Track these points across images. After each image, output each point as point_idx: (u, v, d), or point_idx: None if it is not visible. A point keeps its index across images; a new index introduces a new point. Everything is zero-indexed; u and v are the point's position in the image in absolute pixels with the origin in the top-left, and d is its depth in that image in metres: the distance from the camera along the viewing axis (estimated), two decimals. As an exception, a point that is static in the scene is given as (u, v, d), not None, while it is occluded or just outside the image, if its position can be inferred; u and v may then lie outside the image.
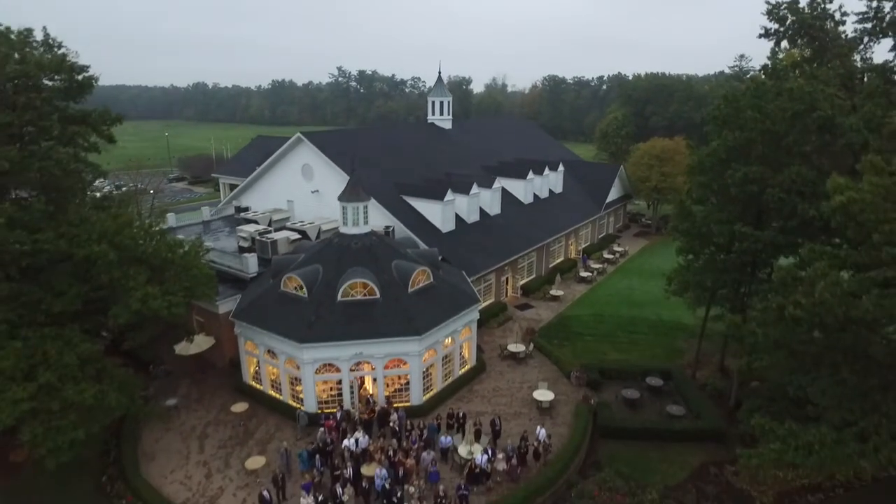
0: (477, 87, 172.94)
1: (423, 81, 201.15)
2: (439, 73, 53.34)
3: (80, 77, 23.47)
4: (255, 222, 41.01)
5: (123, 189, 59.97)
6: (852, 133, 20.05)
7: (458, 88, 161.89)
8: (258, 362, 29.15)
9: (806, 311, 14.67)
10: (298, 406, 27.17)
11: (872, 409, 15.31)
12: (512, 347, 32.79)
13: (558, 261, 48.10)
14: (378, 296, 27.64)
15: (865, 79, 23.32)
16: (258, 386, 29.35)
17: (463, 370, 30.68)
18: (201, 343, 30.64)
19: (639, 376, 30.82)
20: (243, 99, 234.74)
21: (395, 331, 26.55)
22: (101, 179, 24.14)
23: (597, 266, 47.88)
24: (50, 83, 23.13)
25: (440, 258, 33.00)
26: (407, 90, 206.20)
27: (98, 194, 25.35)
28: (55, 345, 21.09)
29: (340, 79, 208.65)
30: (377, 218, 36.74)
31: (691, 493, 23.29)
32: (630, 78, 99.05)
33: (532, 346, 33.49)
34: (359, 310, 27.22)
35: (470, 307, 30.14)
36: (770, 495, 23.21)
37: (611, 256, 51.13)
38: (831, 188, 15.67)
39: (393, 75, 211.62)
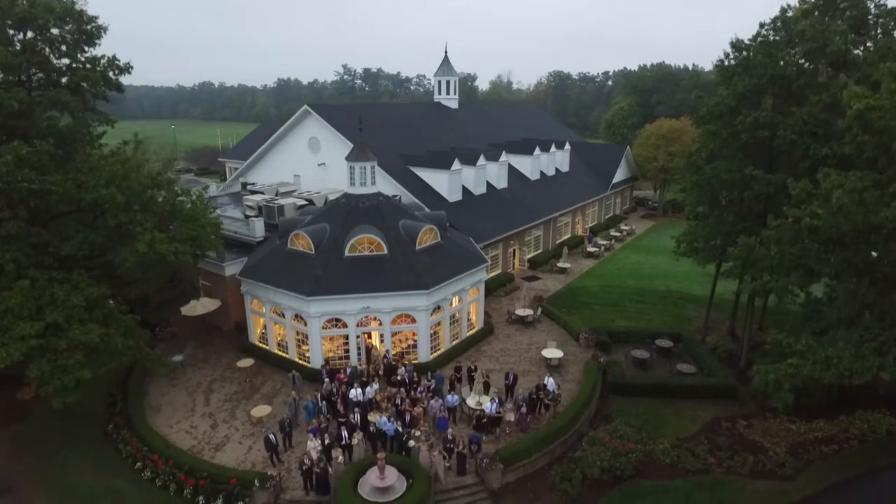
0: (482, 85, 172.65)
1: (428, 80, 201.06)
2: (445, 52, 53.24)
3: (89, 27, 23.50)
4: (262, 193, 40.96)
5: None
6: (867, 67, 19.73)
7: (464, 85, 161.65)
8: (265, 323, 29.00)
9: (823, 220, 14.37)
10: (305, 364, 27.01)
11: (892, 323, 14.96)
12: (520, 312, 32.51)
13: (565, 237, 47.81)
14: (385, 252, 27.46)
15: (879, 24, 22.99)
16: (264, 346, 29.18)
17: (471, 332, 30.42)
18: (207, 304, 30.53)
19: (648, 339, 30.47)
20: (249, 97, 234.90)
21: (402, 285, 26.35)
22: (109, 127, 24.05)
23: (604, 242, 47.59)
24: (58, 32, 23.15)
25: (447, 224, 32.82)
26: (412, 88, 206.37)
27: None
28: (62, 287, 20.98)
29: (346, 77, 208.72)
30: (384, 187, 36.48)
31: (703, 444, 22.93)
32: (636, 69, 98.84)
33: (540, 311, 33.22)
34: (366, 265, 27.04)
35: (477, 266, 29.92)
36: (783, 447, 22.84)
37: (618, 234, 50.83)
38: (848, 97, 15.36)
39: (398, 73, 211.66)
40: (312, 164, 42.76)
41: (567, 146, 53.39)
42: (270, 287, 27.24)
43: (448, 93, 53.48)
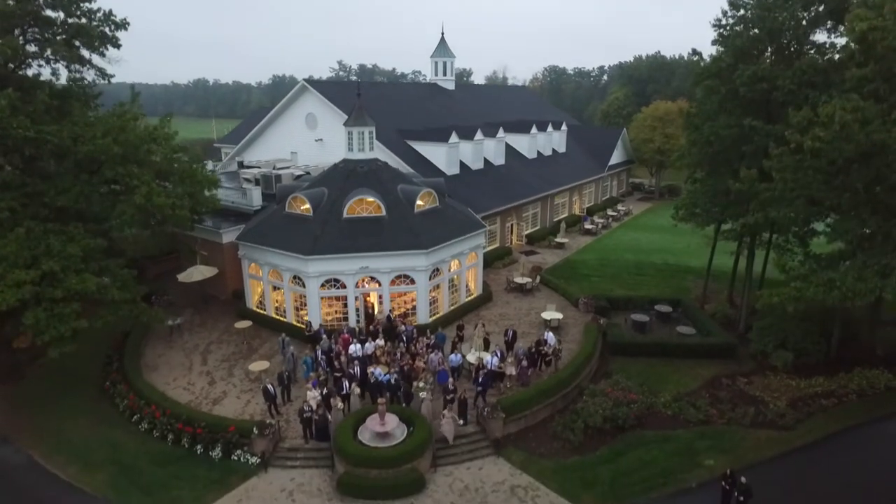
0: (478, 80, 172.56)
1: (424, 75, 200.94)
2: (442, 34, 53.20)
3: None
4: (258, 168, 40.71)
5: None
6: (868, 10, 19.74)
7: (459, 80, 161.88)
8: (262, 289, 28.77)
9: (826, 142, 14.32)
10: (301, 326, 26.80)
11: (894, 248, 14.94)
12: (518, 279, 32.44)
13: (563, 216, 47.81)
14: (384, 214, 27.32)
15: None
16: (262, 311, 28.95)
17: (469, 298, 30.30)
18: (205, 271, 30.27)
19: (647, 305, 30.45)
20: (244, 94, 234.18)
21: (401, 245, 26.21)
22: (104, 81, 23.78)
23: (600, 221, 47.62)
24: None
25: (445, 192, 32.70)
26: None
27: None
28: (58, 238, 20.76)
29: (341, 73, 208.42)
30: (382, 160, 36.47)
31: (704, 398, 22.88)
32: (631, 60, 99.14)
33: (538, 279, 33.15)
34: (365, 226, 26.88)
35: (476, 230, 29.83)
36: (783, 400, 22.82)
37: (615, 213, 50.88)
38: (851, 18, 15.34)
39: (393, 69, 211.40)
40: (309, 141, 42.56)
41: (563, 127, 53.45)
42: (268, 248, 27.03)
43: (445, 74, 53.38)
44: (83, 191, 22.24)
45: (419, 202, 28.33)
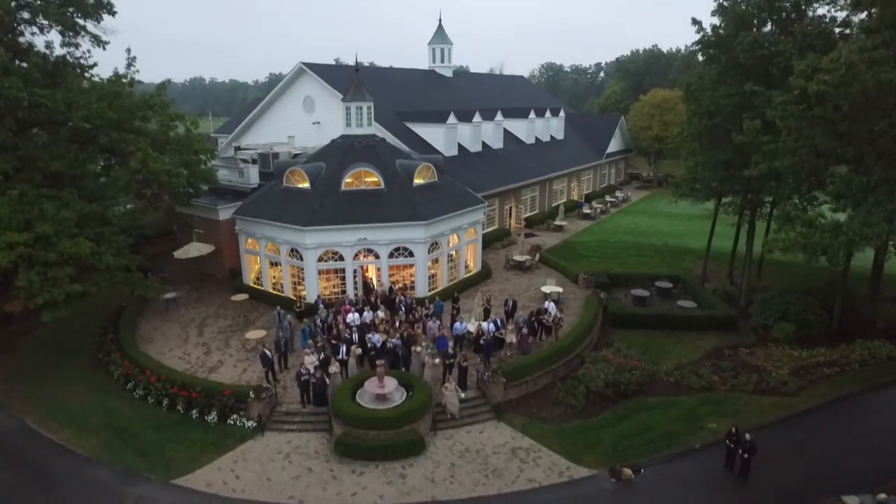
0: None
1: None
2: (440, 20, 52.90)
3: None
4: (255, 150, 40.40)
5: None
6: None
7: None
8: (260, 267, 28.44)
9: (831, 86, 14.13)
10: (298, 299, 26.49)
11: (902, 194, 14.81)
12: (517, 257, 32.22)
13: (561, 202, 47.63)
14: (382, 186, 27.07)
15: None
16: (259, 287, 28.63)
17: (468, 275, 30.05)
18: (201, 248, 29.95)
19: (647, 281, 30.26)
20: (240, 93, 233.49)
21: (399, 216, 25.96)
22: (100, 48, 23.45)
23: (599, 206, 47.47)
24: None
25: (444, 168, 32.46)
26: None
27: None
28: (52, 203, 20.43)
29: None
30: (380, 139, 36.21)
31: (706, 367, 22.69)
32: (628, 54, 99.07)
33: (538, 257, 32.94)
34: (363, 198, 26.63)
35: (475, 206, 29.60)
36: (786, 369, 22.65)
37: (613, 199, 50.75)
38: None
39: (390, 66, 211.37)
40: (307, 124, 42.22)
41: (562, 114, 53.33)
42: (265, 221, 26.74)
43: (443, 61, 53.07)
44: (78, 157, 21.95)
45: (418, 176, 28.10)
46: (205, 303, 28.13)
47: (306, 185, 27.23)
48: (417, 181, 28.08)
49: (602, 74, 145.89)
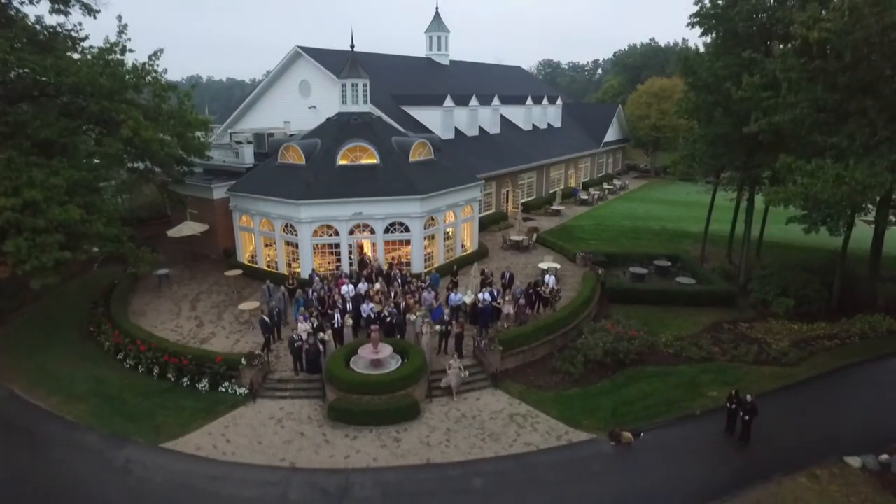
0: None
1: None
2: (437, 8, 52.66)
3: None
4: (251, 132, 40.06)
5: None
6: None
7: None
8: (254, 249, 28.05)
9: (833, 33, 13.86)
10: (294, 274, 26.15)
11: (905, 145, 14.55)
12: (514, 237, 31.94)
13: (558, 188, 47.41)
14: (378, 161, 26.77)
15: None
16: (253, 265, 28.26)
17: (465, 254, 29.75)
18: (195, 227, 29.57)
19: (645, 260, 29.99)
20: (238, 91, 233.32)
21: (395, 191, 25.65)
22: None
23: (596, 192, 47.25)
24: None
25: (440, 146, 32.17)
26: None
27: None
28: (41, 171, 20.04)
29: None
30: (376, 121, 35.90)
31: (706, 339, 22.44)
32: (626, 48, 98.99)
33: (535, 237, 32.68)
34: (358, 173, 26.33)
35: (472, 182, 29.31)
36: (786, 342, 22.40)
37: (610, 187, 50.53)
38: None
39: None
40: (303, 109, 41.83)
41: (559, 101, 53.14)
42: (259, 196, 26.39)
43: (439, 49, 52.79)
44: (68, 126, 21.57)
45: (414, 153, 27.81)
46: (198, 280, 27.76)
47: (301, 160, 26.89)
48: (414, 157, 27.79)
49: (599, 72, 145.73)
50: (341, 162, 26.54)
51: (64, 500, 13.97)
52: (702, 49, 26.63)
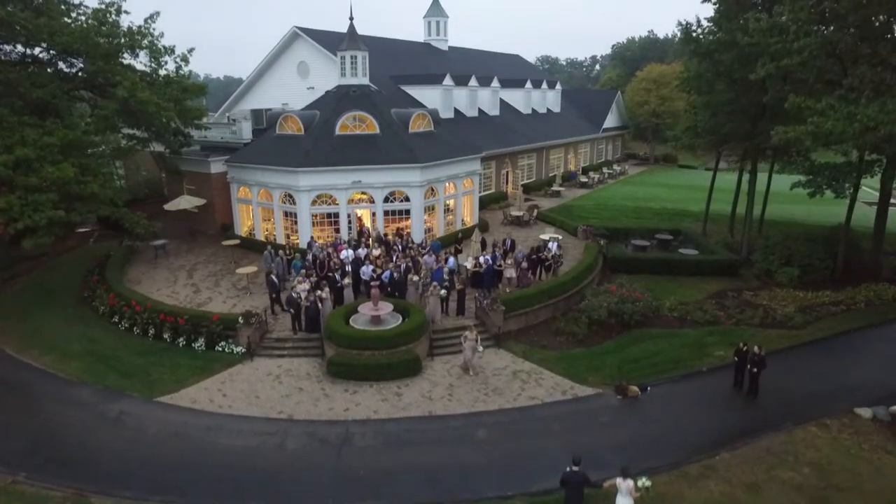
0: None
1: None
2: (435, -7, 52.37)
3: None
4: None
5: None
6: None
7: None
8: (252, 221, 27.65)
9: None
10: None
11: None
12: (515, 212, 31.64)
13: (558, 172, 47.14)
14: (377, 131, 26.42)
15: None
16: (251, 238, 27.84)
17: (465, 228, 29.39)
18: (192, 200, 29.18)
19: (647, 234, 29.70)
20: (235, 88, 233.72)
21: (395, 159, 25.29)
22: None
23: (596, 175, 47.00)
24: None
25: (440, 119, 31.85)
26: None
27: None
28: (35, 131, 19.65)
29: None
30: (375, 99, 35.55)
31: (711, 304, 22.15)
32: (624, 42, 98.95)
33: (535, 213, 32.38)
34: (358, 142, 25.97)
35: (472, 154, 29.00)
36: (791, 308, 22.10)
37: (611, 171, 50.30)
38: None
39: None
40: (301, 90, 41.35)
41: (558, 86, 52.91)
42: (258, 166, 26.01)
43: (438, 34, 52.45)
44: (62, 87, 21.18)
45: (413, 124, 27.49)
46: (195, 252, 27.36)
47: (300, 131, 26.53)
48: (413, 129, 27.47)
49: (598, 68, 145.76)
50: (340, 132, 26.19)
51: (56, 449, 13.56)
52: (703, 22, 26.39)
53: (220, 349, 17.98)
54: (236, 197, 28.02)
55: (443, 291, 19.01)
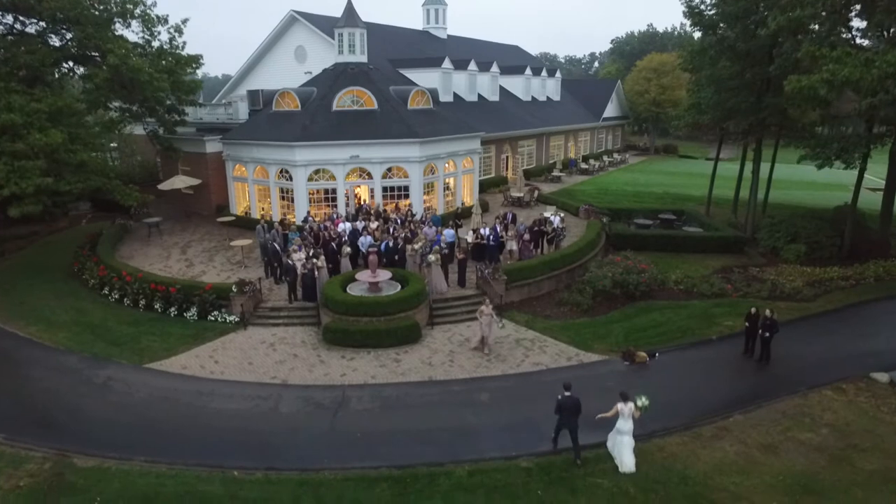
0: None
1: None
2: (434, -19, 51.86)
3: None
4: (244, 97, 39.14)
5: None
6: None
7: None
8: (248, 201, 27.07)
9: None
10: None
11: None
12: (515, 193, 31.11)
13: (558, 159, 46.64)
14: (376, 107, 25.88)
15: None
16: (247, 217, 27.25)
17: (464, 207, 28.84)
18: (187, 180, 28.59)
19: (650, 213, 29.18)
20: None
21: (393, 133, 24.76)
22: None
23: (596, 162, 46.51)
24: None
25: (439, 99, 31.35)
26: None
27: None
28: (22, 97, 19.08)
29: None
30: (373, 81, 34.99)
31: (717, 277, 21.62)
32: (623, 36, 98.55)
33: (536, 194, 31.85)
34: (356, 117, 25.43)
35: (472, 132, 28.47)
36: (800, 282, 21.58)
37: (611, 159, 49.80)
38: None
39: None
40: (299, 75, 40.71)
41: (558, 74, 52.43)
42: (253, 142, 25.45)
43: (437, 22, 51.95)
44: (50, 55, 20.62)
45: (412, 101, 26.95)
46: (189, 231, 26.76)
47: (296, 106, 25.98)
48: (412, 105, 26.93)
49: (596, 64, 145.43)
50: (338, 107, 25.65)
51: (40, 412, 12.96)
52: None
53: (213, 318, 17.40)
54: (231, 175, 27.44)
55: (431, 256, 18.33)
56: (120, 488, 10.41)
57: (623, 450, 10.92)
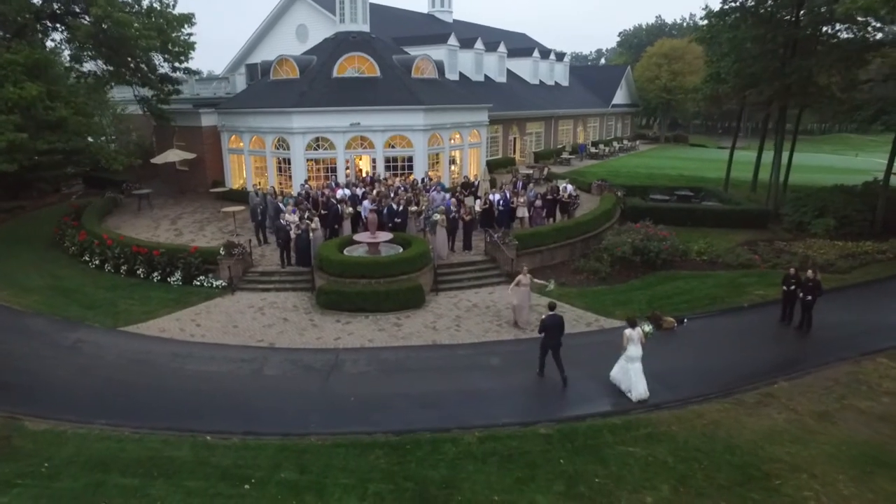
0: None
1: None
2: (440, -36, 50.57)
3: None
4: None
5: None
6: None
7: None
8: (245, 174, 25.72)
9: None
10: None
11: None
12: (524, 170, 29.66)
13: (567, 143, 45.19)
14: (378, 74, 24.50)
15: None
16: (242, 191, 25.88)
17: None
18: (181, 154, 27.27)
19: (666, 189, 27.66)
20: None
21: (397, 101, 23.37)
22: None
23: (606, 148, 45.01)
24: None
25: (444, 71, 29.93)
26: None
27: None
28: (-1, 51, 17.82)
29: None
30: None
31: (742, 249, 20.10)
32: (631, 29, 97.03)
33: (546, 171, 30.41)
34: (357, 84, 24.07)
35: (479, 104, 27.05)
36: (832, 254, 19.97)
37: (621, 145, 48.28)
38: None
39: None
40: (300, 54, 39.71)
41: (566, 59, 50.95)
42: (249, 110, 24.11)
43: (443, 5, 50.68)
44: (29, 6, 19.33)
45: (416, 69, 25.58)
46: (182, 205, 25.41)
47: (295, 74, 24.66)
48: (416, 74, 25.55)
49: (603, 60, 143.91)
50: (338, 74, 24.29)
51: (-4, 374, 11.58)
52: None
53: (199, 283, 16.02)
54: (227, 147, 26.11)
55: (437, 216, 16.87)
56: (73, 453, 9.00)
57: (635, 377, 10.70)
